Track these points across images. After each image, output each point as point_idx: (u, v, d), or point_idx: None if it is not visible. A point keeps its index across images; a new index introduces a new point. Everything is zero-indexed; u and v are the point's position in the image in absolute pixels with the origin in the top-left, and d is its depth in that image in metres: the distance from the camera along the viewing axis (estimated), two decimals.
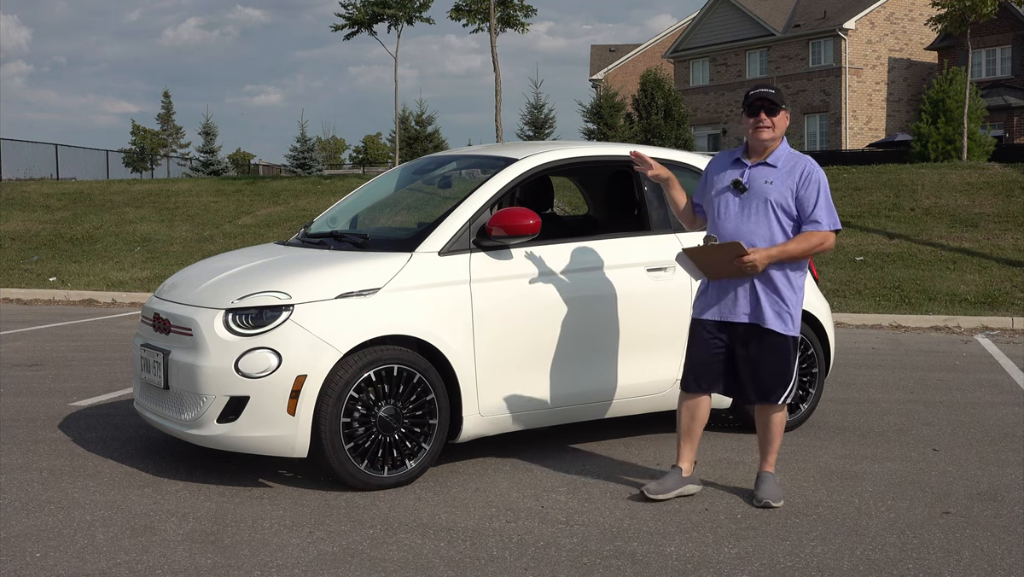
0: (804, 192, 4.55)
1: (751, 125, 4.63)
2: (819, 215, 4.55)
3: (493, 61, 21.05)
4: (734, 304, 4.60)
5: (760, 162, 4.64)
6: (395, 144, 26.18)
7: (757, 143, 4.64)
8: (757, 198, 4.57)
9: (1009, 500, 4.73)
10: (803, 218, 4.56)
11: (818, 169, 4.62)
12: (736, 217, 4.59)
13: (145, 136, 56.00)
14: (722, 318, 4.63)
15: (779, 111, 4.61)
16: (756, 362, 4.61)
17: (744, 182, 4.61)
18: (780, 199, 4.55)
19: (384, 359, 4.78)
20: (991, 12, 23.06)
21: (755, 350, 4.60)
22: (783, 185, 4.56)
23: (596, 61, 54.43)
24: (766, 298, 4.56)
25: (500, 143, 18.41)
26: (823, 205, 4.56)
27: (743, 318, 4.59)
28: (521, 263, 5.22)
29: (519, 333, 5.16)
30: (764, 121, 4.59)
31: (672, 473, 4.71)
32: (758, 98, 4.61)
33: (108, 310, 13.00)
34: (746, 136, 4.71)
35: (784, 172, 4.59)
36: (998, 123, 33.93)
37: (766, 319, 4.56)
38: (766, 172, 4.61)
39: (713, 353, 4.66)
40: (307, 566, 3.84)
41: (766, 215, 4.55)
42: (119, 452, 5.48)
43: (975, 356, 9.36)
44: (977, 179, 17.69)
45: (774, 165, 4.62)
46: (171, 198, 20.55)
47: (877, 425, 6.32)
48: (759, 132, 4.60)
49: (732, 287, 4.60)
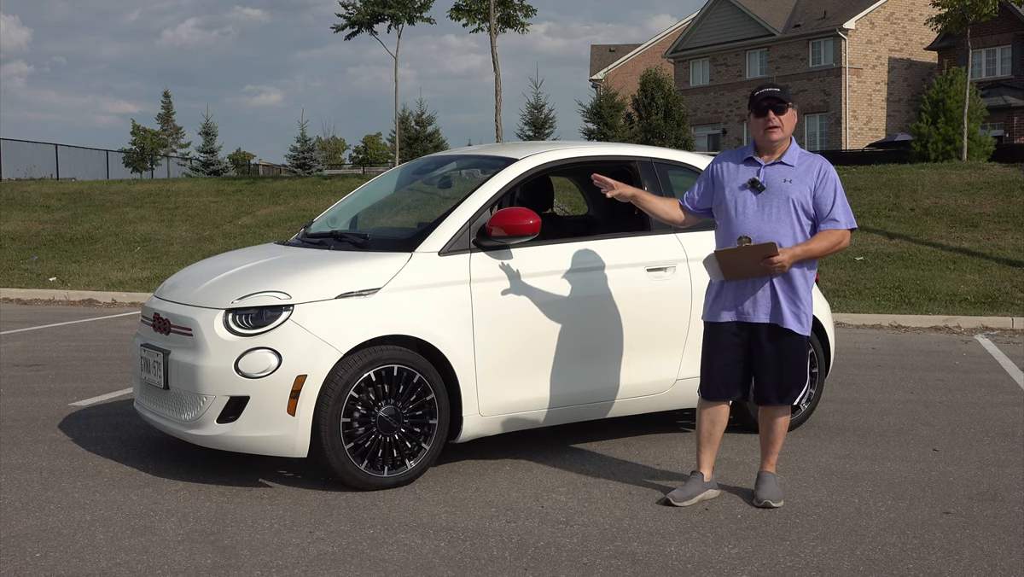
0: (822, 191, 4.53)
1: (761, 126, 4.57)
2: (837, 213, 4.53)
3: (493, 61, 21.06)
4: (754, 305, 4.56)
5: (776, 161, 4.59)
6: (395, 144, 26.17)
7: (768, 143, 4.58)
8: (778, 197, 4.53)
9: (1009, 500, 4.73)
10: (821, 217, 4.54)
11: (832, 168, 4.62)
12: (756, 216, 4.54)
13: (145, 136, 55.94)
14: (742, 319, 4.58)
15: (787, 109, 4.55)
16: (775, 362, 4.58)
17: (761, 181, 4.56)
18: (801, 198, 4.52)
19: (384, 359, 4.78)
20: (991, 12, 23.05)
21: (773, 350, 4.57)
22: (803, 184, 4.53)
23: (596, 61, 54.43)
24: (784, 298, 4.53)
25: (500, 143, 18.41)
26: (840, 204, 4.54)
27: (763, 318, 4.55)
28: (521, 263, 5.21)
29: (519, 333, 5.16)
30: (773, 121, 4.53)
31: (694, 479, 4.69)
32: (765, 97, 4.56)
33: (108, 310, 13.00)
34: (755, 136, 4.64)
35: (802, 171, 4.56)
36: (998, 123, 33.92)
37: (785, 319, 4.54)
38: (784, 171, 4.56)
39: (735, 357, 4.62)
40: (307, 566, 3.84)
41: (788, 214, 4.52)
42: (119, 452, 5.48)
43: (975, 356, 9.35)
44: (977, 179, 17.69)
45: (791, 164, 4.58)
46: (171, 198, 20.56)
47: (877, 425, 6.32)
48: (770, 133, 4.54)
49: (750, 287, 4.55)
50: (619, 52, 54.42)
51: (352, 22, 23.30)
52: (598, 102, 29.25)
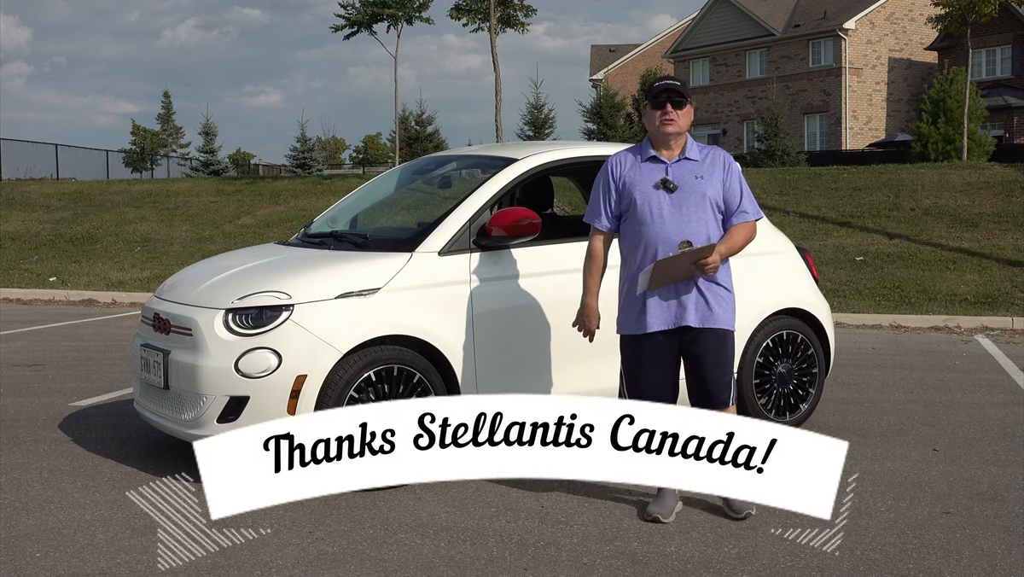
0: (730, 184, 4.40)
1: (657, 118, 4.36)
2: (746, 205, 4.41)
3: (493, 61, 21.06)
4: (682, 309, 4.35)
5: (681, 157, 4.40)
6: (395, 144, 26.17)
7: (662, 136, 4.38)
8: (694, 195, 4.34)
9: (1009, 500, 4.73)
10: (731, 210, 4.40)
11: (732, 158, 4.50)
12: (674, 218, 4.32)
13: (145, 136, 55.92)
14: (675, 324, 4.37)
15: (685, 104, 4.36)
16: (711, 363, 4.39)
17: (672, 180, 4.36)
18: (714, 194, 4.36)
19: (384, 359, 4.78)
20: (991, 12, 23.05)
21: (707, 352, 4.39)
22: (713, 179, 4.37)
23: (596, 61, 54.42)
24: (712, 297, 4.37)
25: (500, 143, 18.41)
26: (747, 195, 4.43)
27: (694, 321, 4.36)
28: (521, 263, 5.21)
29: (519, 333, 5.16)
30: (670, 114, 4.33)
31: (666, 492, 4.44)
32: (664, 89, 4.36)
33: (108, 310, 13.00)
34: (649, 130, 4.45)
35: (708, 166, 4.40)
36: (998, 123, 33.91)
37: (716, 318, 4.37)
38: (692, 167, 4.38)
39: (665, 369, 4.42)
40: (307, 566, 3.84)
41: (705, 212, 4.34)
42: (119, 452, 5.48)
43: (975, 356, 9.35)
44: (977, 179, 17.68)
45: (696, 159, 4.40)
46: (171, 198, 20.55)
47: (877, 425, 6.32)
48: (665, 125, 4.33)
49: (675, 292, 4.36)
50: (619, 52, 54.41)
51: (351, 22, 23.30)
52: (598, 102, 29.25)
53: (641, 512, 4.47)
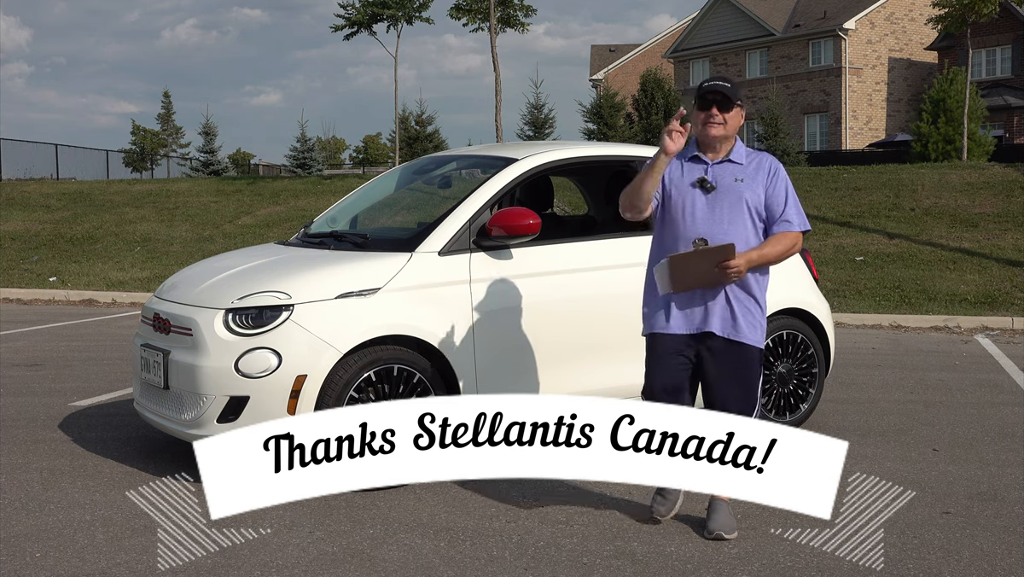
0: (773, 191, 4.21)
1: (701, 120, 4.20)
2: (790, 215, 4.21)
3: (493, 61, 21.07)
4: (706, 315, 4.19)
5: (724, 159, 4.24)
6: (395, 144, 26.17)
7: (707, 139, 4.22)
8: (730, 197, 4.17)
9: (1009, 500, 4.73)
10: (773, 219, 4.21)
11: (782, 166, 4.31)
12: (706, 218, 4.17)
13: (145, 136, 55.91)
14: (692, 331, 4.21)
15: (733, 107, 4.18)
16: (728, 379, 4.22)
17: (711, 180, 4.20)
18: (754, 198, 4.19)
19: (384, 359, 4.78)
20: (991, 12, 23.04)
21: (726, 366, 4.21)
22: (755, 183, 4.20)
23: (596, 61, 54.43)
24: (739, 308, 4.19)
25: (500, 143, 18.41)
26: (792, 204, 4.22)
27: (717, 329, 4.18)
28: (521, 263, 5.21)
29: (519, 333, 5.16)
30: (716, 117, 4.16)
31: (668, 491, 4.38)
32: (710, 91, 4.18)
33: (108, 310, 13.00)
34: (695, 131, 4.27)
35: (752, 170, 4.23)
36: (998, 123, 33.92)
37: (740, 331, 4.19)
38: (734, 169, 4.22)
39: (682, 377, 4.24)
40: (307, 566, 3.84)
41: (741, 216, 4.17)
42: (119, 452, 5.48)
43: (975, 356, 9.35)
44: (977, 179, 17.68)
45: (740, 162, 4.24)
46: (171, 198, 20.55)
47: (877, 425, 6.32)
48: (709, 128, 4.17)
49: (701, 298, 4.19)
50: (619, 52, 54.41)
51: (351, 22, 23.31)
52: (598, 102, 29.23)
53: (641, 512, 4.48)
